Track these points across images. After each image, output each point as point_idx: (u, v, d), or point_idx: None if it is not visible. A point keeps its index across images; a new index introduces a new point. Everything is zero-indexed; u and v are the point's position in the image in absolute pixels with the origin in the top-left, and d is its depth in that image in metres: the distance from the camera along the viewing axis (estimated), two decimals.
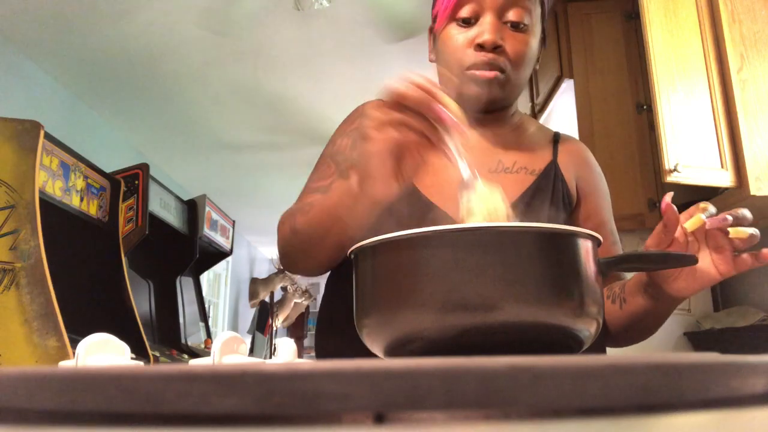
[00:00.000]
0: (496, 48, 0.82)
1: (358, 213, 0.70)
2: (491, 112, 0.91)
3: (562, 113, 2.63)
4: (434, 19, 0.92)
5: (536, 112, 2.76)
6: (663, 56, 1.72)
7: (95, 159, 2.35)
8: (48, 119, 2.10)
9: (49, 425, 0.23)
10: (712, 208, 0.66)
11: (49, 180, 1.98)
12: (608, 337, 0.90)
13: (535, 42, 0.87)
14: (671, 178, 1.65)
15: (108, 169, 2.48)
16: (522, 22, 0.84)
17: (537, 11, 0.86)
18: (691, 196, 1.99)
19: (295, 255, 0.86)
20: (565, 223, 0.56)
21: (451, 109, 0.58)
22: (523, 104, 2.99)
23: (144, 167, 2.83)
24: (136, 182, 2.79)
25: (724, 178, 1.68)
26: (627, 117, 2.24)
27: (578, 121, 2.30)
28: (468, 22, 0.84)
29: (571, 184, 0.94)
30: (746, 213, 0.67)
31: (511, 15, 0.83)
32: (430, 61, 0.94)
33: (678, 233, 0.69)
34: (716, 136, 1.71)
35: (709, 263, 0.69)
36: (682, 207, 0.70)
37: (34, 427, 0.23)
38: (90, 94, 3.55)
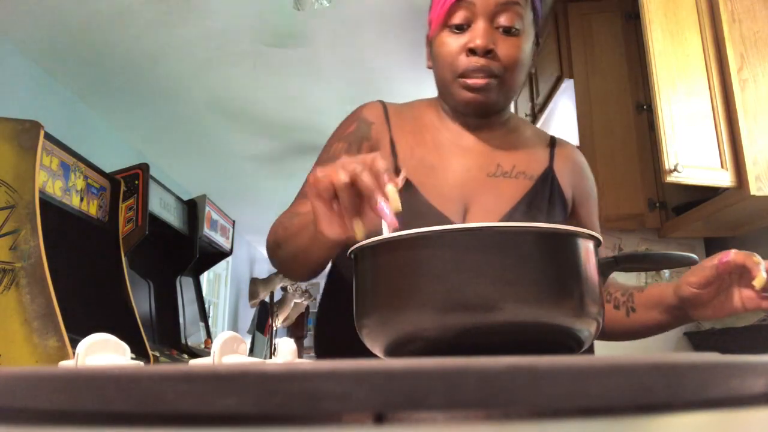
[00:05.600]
0: (488, 53, 0.83)
1: (315, 249, 0.73)
2: (486, 117, 0.92)
3: (562, 113, 2.63)
4: (429, 27, 0.93)
5: (536, 112, 2.76)
6: (663, 56, 1.72)
7: (95, 159, 2.35)
8: (48, 119, 2.10)
9: (49, 425, 0.23)
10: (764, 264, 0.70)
11: (49, 180, 1.98)
12: (601, 334, 0.92)
13: (528, 46, 0.88)
14: (671, 178, 1.65)
15: (108, 169, 2.48)
16: (514, 27, 0.85)
17: (529, 15, 0.88)
18: (691, 196, 1.99)
19: (281, 265, 0.88)
20: None
21: (393, 204, 0.56)
22: (523, 104, 2.99)
23: (144, 167, 2.83)
24: (136, 182, 2.79)
25: (724, 178, 1.68)
26: (627, 117, 2.24)
27: (578, 121, 2.30)
28: (461, 28, 0.86)
29: (567, 190, 0.95)
30: None
31: (503, 20, 0.84)
32: (428, 68, 0.95)
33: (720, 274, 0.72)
34: (716, 136, 1.71)
35: (737, 298, 0.73)
36: (683, 207, 0.71)
37: (34, 427, 0.23)
38: (90, 94, 3.55)
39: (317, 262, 0.79)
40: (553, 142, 0.99)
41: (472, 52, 0.84)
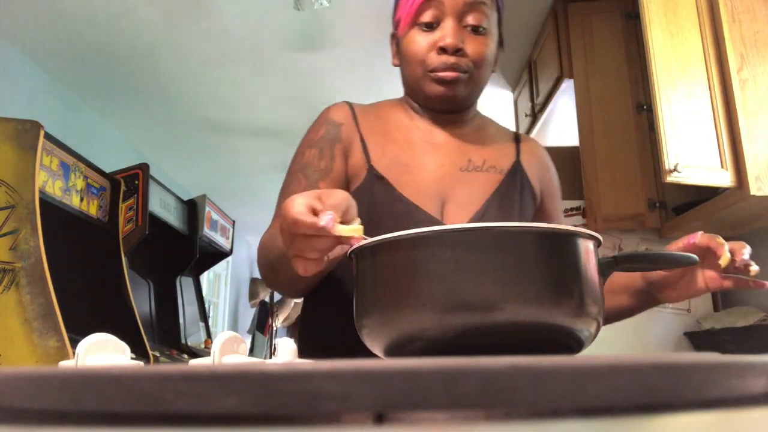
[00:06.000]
0: (457, 51, 0.87)
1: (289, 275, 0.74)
2: (455, 112, 0.95)
3: (562, 113, 2.63)
4: (396, 25, 0.96)
5: (536, 112, 2.76)
6: (663, 56, 1.72)
7: (95, 159, 2.35)
8: (48, 119, 2.10)
9: (49, 425, 0.23)
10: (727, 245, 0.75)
11: (49, 180, 1.98)
12: None
13: (493, 44, 0.92)
14: (671, 178, 1.65)
15: (108, 169, 2.48)
16: (481, 26, 0.88)
17: (494, 16, 0.92)
18: (691, 196, 1.99)
19: (281, 287, 0.90)
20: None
21: (357, 235, 0.56)
22: (523, 104, 2.99)
23: (144, 167, 2.83)
24: (136, 182, 2.79)
25: (724, 178, 1.68)
26: (627, 117, 2.24)
27: (578, 121, 2.30)
28: (430, 26, 0.88)
29: (534, 183, 0.99)
30: (749, 250, 0.76)
31: (471, 19, 0.88)
32: (394, 65, 0.98)
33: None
34: (716, 136, 1.71)
35: (701, 279, 0.78)
36: (683, 207, 0.72)
37: (34, 427, 0.23)
38: (90, 94, 3.55)
39: (314, 280, 0.81)
40: (517, 138, 1.03)
41: (442, 50, 0.87)
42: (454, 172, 0.93)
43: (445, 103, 0.92)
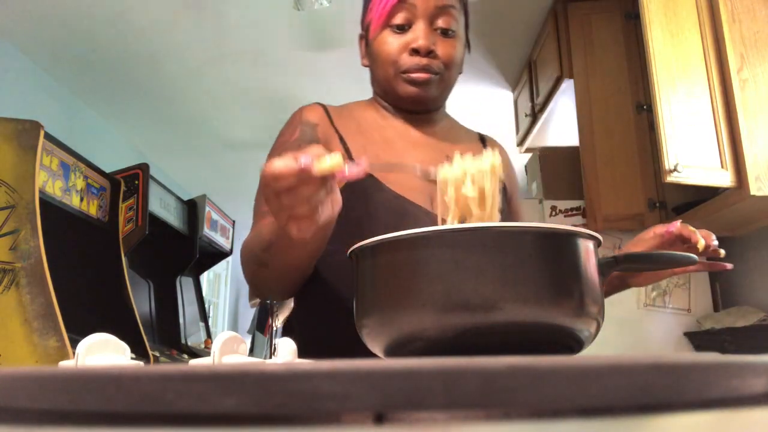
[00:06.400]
0: (429, 53, 0.89)
1: (297, 250, 0.75)
2: (425, 112, 0.98)
3: (562, 113, 2.63)
4: (366, 27, 0.97)
5: (536, 112, 2.76)
6: (663, 56, 1.72)
7: (95, 159, 2.35)
8: (48, 119, 2.10)
9: (49, 425, 0.23)
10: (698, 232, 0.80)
11: (49, 180, 1.98)
12: None
13: (461, 47, 0.95)
14: (671, 178, 1.65)
15: (108, 169, 2.48)
16: (450, 29, 0.91)
17: (462, 19, 0.95)
18: (691, 196, 1.99)
19: (268, 286, 0.88)
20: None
21: (337, 166, 0.55)
22: (523, 104, 2.99)
23: (144, 167, 2.83)
24: (136, 182, 2.79)
25: (724, 178, 1.68)
26: (627, 117, 2.24)
27: (578, 121, 2.30)
28: (402, 28, 0.91)
29: (504, 180, 1.01)
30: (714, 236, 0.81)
31: (441, 22, 0.90)
32: (363, 65, 1.00)
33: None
34: (716, 136, 1.71)
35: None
36: (683, 207, 0.73)
37: (34, 427, 0.23)
38: (90, 94, 3.54)
39: (307, 266, 0.81)
40: (482, 138, 1.07)
41: (415, 51, 0.89)
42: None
43: (417, 103, 0.94)
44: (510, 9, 2.65)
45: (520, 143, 3.04)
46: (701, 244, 0.78)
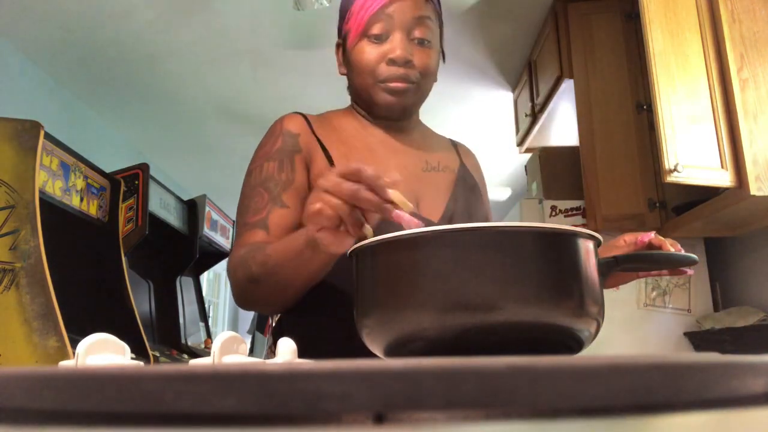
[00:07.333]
0: (407, 63, 0.92)
1: (316, 264, 0.75)
2: (401, 120, 1.00)
3: (562, 113, 2.63)
4: (344, 36, 0.99)
5: (536, 112, 2.76)
6: (663, 56, 1.72)
7: (95, 159, 2.35)
8: (48, 119, 2.10)
9: (49, 425, 0.23)
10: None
11: (49, 180, 1.98)
12: None
13: (437, 56, 0.98)
14: (671, 178, 1.65)
15: (108, 169, 2.47)
16: (426, 39, 0.94)
17: (437, 30, 0.98)
18: (691, 196, 1.99)
19: (257, 302, 0.88)
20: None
21: (405, 207, 0.57)
22: (523, 104, 2.99)
23: (144, 167, 2.83)
24: (136, 182, 2.78)
25: (724, 178, 1.68)
26: (627, 117, 2.24)
27: (578, 121, 2.30)
28: (379, 38, 0.93)
29: (477, 181, 1.07)
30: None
31: (417, 32, 0.93)
32: (341, 74, 1.03)
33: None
34: (716, 136, 1.71)
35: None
36: (683, 207, 0.72)
37: (34, 427, 0.23)
38: (90, 94, 3.54)
39: (311, 282, 0.81)
40: (454, 143, 1.12)
41: (392, 61, 0.91)
42: (417, 172, 0.98)
43: (394, 111, 0.96)
44: (510, 9, 2.65)
45: (520, 143, 3.04)
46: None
